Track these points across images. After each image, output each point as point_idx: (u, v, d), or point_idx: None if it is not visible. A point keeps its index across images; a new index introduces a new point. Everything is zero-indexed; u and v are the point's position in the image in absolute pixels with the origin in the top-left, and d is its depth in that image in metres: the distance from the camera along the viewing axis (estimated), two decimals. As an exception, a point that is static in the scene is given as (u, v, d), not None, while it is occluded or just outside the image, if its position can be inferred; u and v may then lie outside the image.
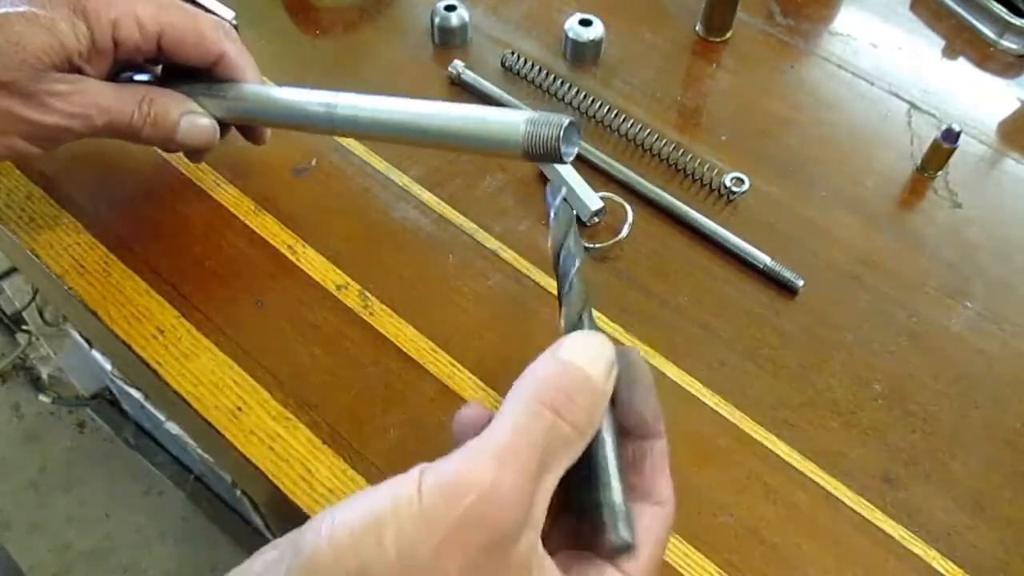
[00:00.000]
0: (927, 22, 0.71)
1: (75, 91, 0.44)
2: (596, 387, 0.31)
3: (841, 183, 0.59)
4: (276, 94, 0.48)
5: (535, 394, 0.30)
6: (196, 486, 1.43)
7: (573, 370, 0.31)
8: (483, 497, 0.27)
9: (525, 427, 0.29)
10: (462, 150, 0.41)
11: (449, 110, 0.41)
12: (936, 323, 0.52)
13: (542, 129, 0.37)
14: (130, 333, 0.49)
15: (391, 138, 0.45)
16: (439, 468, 0.28)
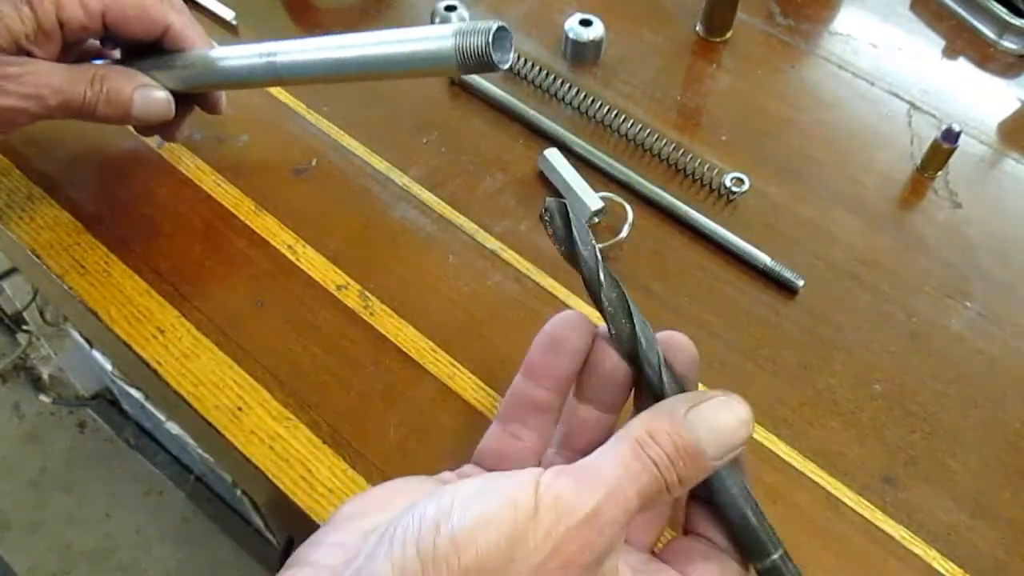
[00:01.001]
0: (927, 22, 0.71)
1: (26, 72, 0.45)
2: (705, 468, 0.32)
3: (841, 183, 0.59)
4: (219, 56, 0.49)
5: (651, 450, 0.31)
6: (196, 486, 1.43)
7: (695, 448, 0.31)
8: (587, 524, 0.29)
9: (636, 474, 0.30)
10: (401, 75, 0.42)
11: (382, 36, 0.42)
12: (936, 323, 0.52)
13: (471, 38, 0.37)
14: (130, 333, 0.49)
15: (335, 77, 0.45)
16: (556, 487, 0.30)
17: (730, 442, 0.32)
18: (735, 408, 0.33)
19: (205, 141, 0.58)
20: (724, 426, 0.32)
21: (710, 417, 0.32)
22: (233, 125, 0.58)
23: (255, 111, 0.52)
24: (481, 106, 0.62)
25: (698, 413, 0.32)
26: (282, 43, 0.47)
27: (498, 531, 0.28)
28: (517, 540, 0.28)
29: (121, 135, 0.58)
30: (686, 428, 0.31)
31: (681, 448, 0.31)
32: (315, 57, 0.46)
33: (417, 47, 0.40)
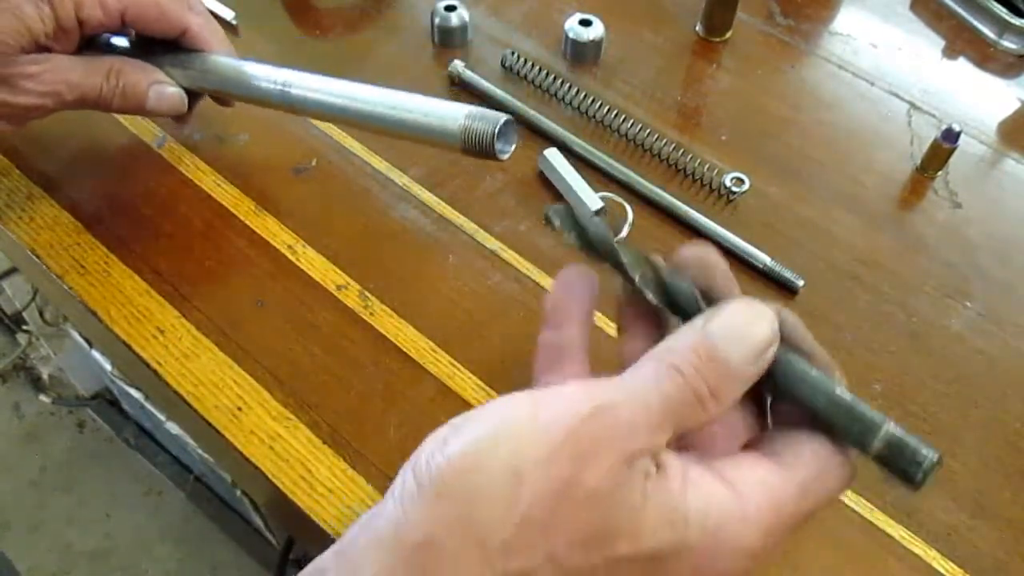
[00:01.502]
0: (927, 22, 0.71)
1: (45, 70, 0.46)
2: (736, 375, 0.30)
3: (841, 183, 0.59)
4: (236, 71, 0.50)
5: (670, 360, 0.29)
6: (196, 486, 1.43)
7: (716, 354, 0.29)
8: (600, 412, 0.27)
9: (654, 378, 0.29)
10: (404, 137, 0.42)
11: (395, 99, 0.43)
12: (936, 323, 0.52)
13: (479, 124, 0.37)
14: (130, 333, 0.49)
15: (341, 120, 0.47)
16: (558, 390, 0.29)
17: (754, 344, 0.30)
18: (753, 308, 0.30)
19: (205, 141, 0.58)
20: (743, 328, 0.30)
21: (727, 322, 0.30)
22: (233, 125, 0.58)
23: (255, 111, 0.52)
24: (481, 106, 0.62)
25: (716, 321, 0.30)
26: (300, 75, 0.48)
27: (493, 440, 0.27)
28: (516, 441, 0.27)
29: (121, 135, 0.58)
30: (706, 336, 0.30)
31: (704, 356, 0.29)
32: (329, 100, 0.47)
33: (427, 120, 0.40)
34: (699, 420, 0.29)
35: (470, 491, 0.27)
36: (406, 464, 0.29)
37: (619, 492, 0.27)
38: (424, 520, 0.27)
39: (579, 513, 0.27)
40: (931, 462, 0.29)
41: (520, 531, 0.26)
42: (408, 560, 0.27)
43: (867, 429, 0.30)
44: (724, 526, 0.28)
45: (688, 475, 0.28)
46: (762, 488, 0.29)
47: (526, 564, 0.26)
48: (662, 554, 0.27)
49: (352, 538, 0.28)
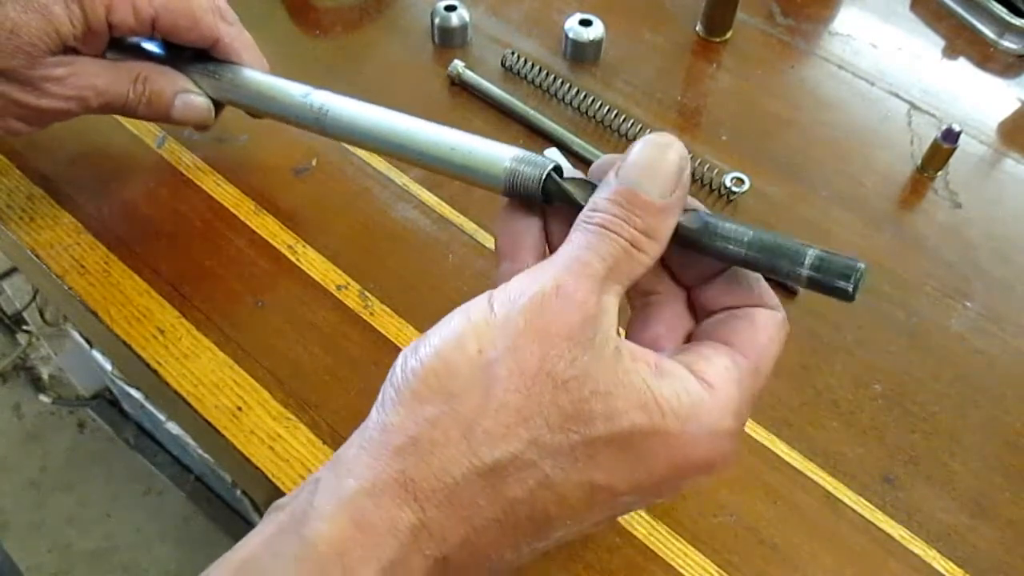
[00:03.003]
0: (927, 22, 0.71)
1: (71, 74, 0.45)
2: (661, 208, 0.30)
3: (841, 183, 0.59)
4: (270, 89, 0.48)
5: (596, 219, 0.30)
6: (196, 486, 1.43)
7: (628, 194, 0.30)
8: (547, 296, 0.28)
9: (585, 243, 0.30)
10: (445, 174, 0.41)
11: (439, 134, 0.41)
12: (936, 323, 0.52)
13: (525, 168, 0.37)
14: (130, 333, 0.49)
15: (377, 150, 0.45)
16: (505, 286, 0.30)
17: (668, 171, 0.30)
18: (656, 140, 0.31)
19: (205, 141, 0.58)
20: (653, 162, 0.30)
21: (635, 160, 0.30)
22: (233, 125, 0.58)
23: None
24: (481, 106, 0.62)
25: (624, 164, 0.31)
26: (335, 99, 0.46)
27: (460, 339, 0.29)
28: (481, 335, 0.28)
29: (121, 135, 0.58)
30: (620, 183, 0.30)
31: (623, 201, 0.30)
32: (366, 129, 0.44)
33: (471, 160, 0.39)
34: (642, 264, 0.30)
35: (446, 389, 0.28)
36: (386, 379, 0.30)
37: (588, 376, 0.28)
38: (407, 422, 0.28)
39: (554, 399, 0.28)
40: (860, 271, 0.30)
41: (499, 418, 0.28)
42: (396, 457, 0.28)
43: (795, 258, 0.31)
44: (698, 412, 0.29)
45: (660, 367, 0.30)
46: (728, 375, 0.30)
47: (509, 448, 0.28)
48: (638, 434, 0.28)
49: (342, 451, 0.30)
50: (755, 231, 0.32)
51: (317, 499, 0.28)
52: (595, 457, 0.28)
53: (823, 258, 0.30)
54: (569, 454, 0.28)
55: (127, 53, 0.49)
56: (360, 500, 0.28)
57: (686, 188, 0.31)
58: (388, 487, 0.28)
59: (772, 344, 0.32)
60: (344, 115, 0.45)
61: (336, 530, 0.27)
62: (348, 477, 0.28)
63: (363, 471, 0.28)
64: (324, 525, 0.28)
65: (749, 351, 0.32)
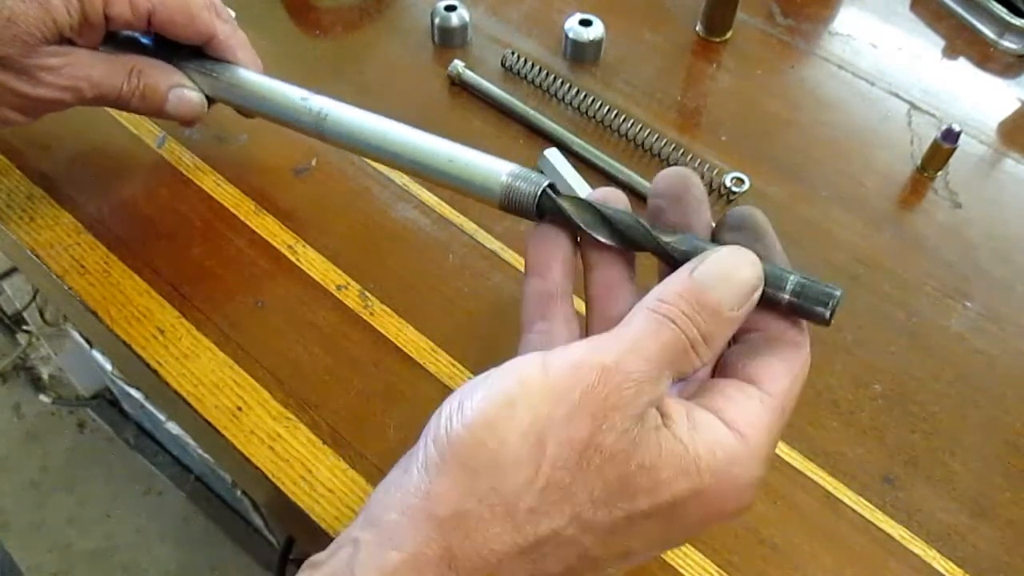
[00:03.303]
0: (927, 22, 0.71)
1: (66, 64, 0.45)
2: (727, 319, 0.30)
3: (841, 183, 0.59)
4: (270, 91, 0.49)
5: (663, 310, 0.30)
6: (196, 486, 1.43)
7: (700, 295, 0.30)
8: (608, 372, 0.28)
9: (651, 330, 0.30)
10: (442, 185, 0.41)
11: (437, 145, 0.41)
12: (936, 323, 0.52)
13: (522, 184, 0.37)
14: (130, 333, 0.49)
15: (374, 157, 0.45)
16: (563, 350, 0.30)
17: (741, 287, 0.31)
18: (738, 255, 0.31)
19: (205, 141, 0.58)
20: (730, 272, 0.31)
21: (714, 269, 0.31)
22: (233, 125, 0.58)
23: (255, 111, 0.52)
24: (481, 106, 0.62)
25: (703, 268, 0.31)
26: (334, 106, 0.46)
27: (510, 405, 0.28)
28: (532, 406, 0.28)
29: (121, 135, 0.58)
30: (694, 283, 0.30)
31: (694, 302, 0.30)
32: (364, 137, 0.44)
33: (467, 174, 0.39)
34: (693, 365, 0.30)
35: (494, 461, 0.28)
36: (426, 430, 0.30)
37: (636, 450, 0.28)
38: (451, 492, 0.28)
39: (600, 473, 0.28)
40: (836, 299, 0.31)
41: (545, 495, 0.27)
42: (439, 531, 0.27)
43: (776, 283, 0.32)
44: (732, 467, 0.29)
45: (692, 419, 0.30)
46: (757, 420, 0.30)
47: (552, 525, 0.27)
48: (679, 502, 0.29)
49: (381, 510, 0.29)
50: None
51: (359, 569, 0.28)
52: (634, 528, 0.28)
53: (804, 284, 0.31)
54: (610, 529, 0.28)
55: (122, 47, 0.49)
56: (403, 574, 0.27)
57: (752, 307, 0.31)
58: (431, 562, 0.27)
59: (796, 383, 0.32)
60: (343, 120, 0.45)
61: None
62: (391, 548, 0.28)
63: (405, 542, 0.28)
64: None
65: (775, 390, 0.31)
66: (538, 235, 0.36)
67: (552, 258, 0.36)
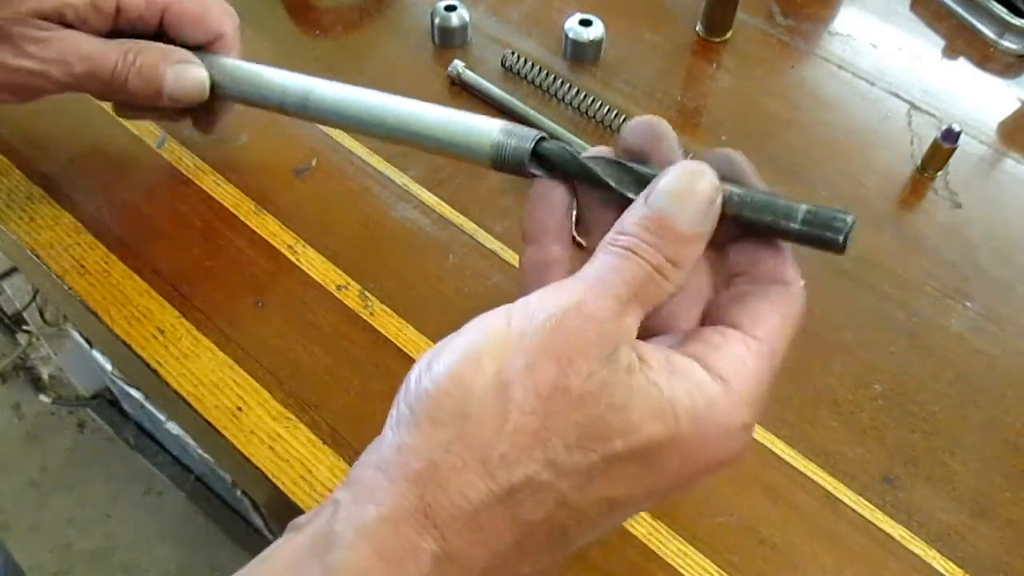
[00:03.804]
0: (927, 22, 0.71)
1: (54, 38, 0.43)
2: (689, 237, 0.30)
3: (841, 183, 0.59)
4: (253, 74, 0.47)
5: (622, 242, 0.30)
6: (196, 486, 1.43)
7: (657, 220, 0.30)
8: (567, 314, 0.28)
9: (611, 265, 0.29)
10: (432, 151, 0.41)
11: (424, 110, 0.41)
12: (936, 323, 0.52)
13: (513, 140, 0.36)
14: (130, 333, 0.49)
15: (363, 131, 0.44)
16: (524, 301, 0.29)
17: (699, 201, 0.30)
18: (689, 169, 0.31)
19: (205, 141, 0.58)
20: (684, 189, 0.30)
21: (668, 188, 0.30)
22: (233, 125, 0.58)
23: (255, 111, 0.52)
24: (481, 106, 0.62)
25: (656, 190, 0.30)
26: (321, 84, 0.45)
27: (475, 358, 0.28)
28: (496, 356, 0.28)
29: (121, 135, 0.58)
30: (650, 208, 0.30)
31: (653, 228, 0.29)
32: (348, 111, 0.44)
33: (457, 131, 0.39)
34: (665, 291, 0.30)
35: (461, 411, 0.28)
36: (397, 395, 0.30)
37: (605, 391, 0.27)
38: (422, 445, 0.28)
39: (569, 416, 0.27)
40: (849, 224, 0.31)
41: (514, 441, 0.27)
42: (414, 483, 0.28)
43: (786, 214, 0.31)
44: (713, 412, 0.28)
45: (671, 364, 0.29)
46: (740, 364, 0.29)
47: (526, 471, 0.27)
48: (655, 446, 0.28)
49: (359, 471, 0.29)
50: (744, 190, 0.32)
51: (338, 525, 0.28)
52: (611, 472, 0.28)
53: (814, 211, 0.31)
54: (586, 473, 0.28)
55: None
56: (381, 528, 0.27)
57: (715, 219, 0.31)
58: (408, 514, 0.27)
59: (787, 322, 0.31)
60: (327, 97, 0.45)
61: (358, 559, 0.27)
62: (368, 502, 0.28)
63: (382, 496, 0.28)
64: (347, 554, 0.27)
65: (761, 332, 0.31)
66: (531, 200, 0.36)
67: (547, 225, 0.35)
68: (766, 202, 0.32)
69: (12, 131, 0.57)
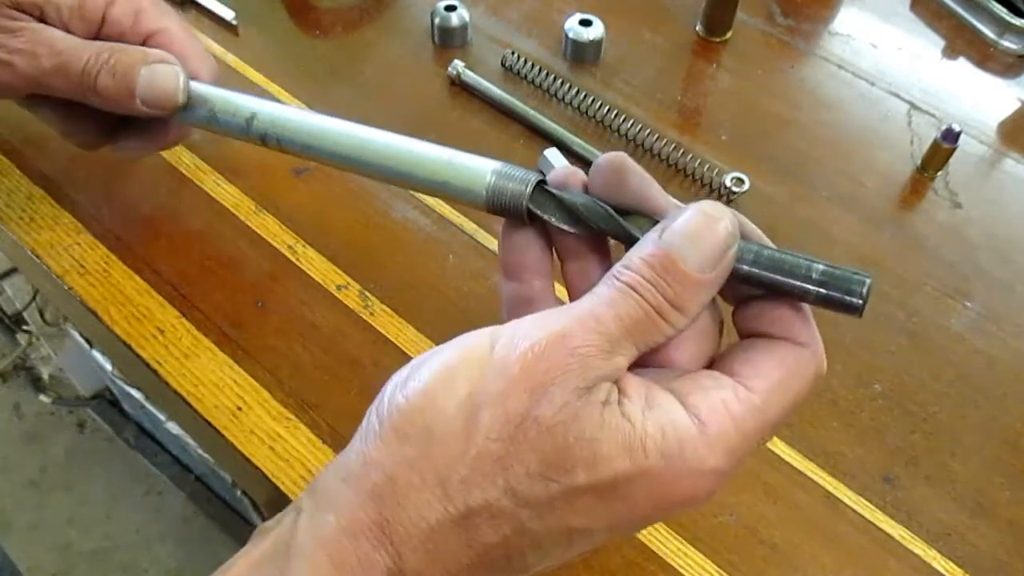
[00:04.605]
0: (927, 22, 0.71)
1: (27, 28, 0.42)
2: (697, 282, 0.28)
3: (841, 183, 0.59)
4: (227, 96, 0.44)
5: (625, 277, 0.28)
6: (196, 486, 1.43)
7: (666, 259, 0.28)
8: (551, 344, 0.27)
9: (607, 299, 0.28)
10: (420, 191, 0.38)
11: (413, 147, 0.38)
12: (936, 323, 0.52)
13: (509, 184, 0.34)
14: (130, 333, 0.49)
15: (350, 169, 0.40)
16: (513, 325, 0.29)
17: (711, 245, 0.28)
18: (708, 211, 0.29)
19: (205, 141, 0.58)
20: (700, 231, 0.28)
21: (683, 229, 0.28)
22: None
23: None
24: (481, 106, 0.62)
25: (671, 228, 0.29)
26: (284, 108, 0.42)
27: (450, 378, 0.28)
28: (472, 379, 0.27)
29: (121, 135, 0.58)
30: (660, 246, 0.28)
31: (659, 267, 0.28)
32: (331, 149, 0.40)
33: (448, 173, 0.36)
34: (663, 334, 0.29)
35: (428, 430, 0.28)
36: (372, 404, 0.30)
37: (575, 423, 0.27)
38: (386, 460, 0.28)
39: (535, 445, 0.27)
40: (868, 285, 0.29)
41: (476, 465, 0.27)
42: (373, 497, 0.28)
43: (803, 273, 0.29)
44: (684, 450, 0.27)
45: (650, 399, 0.28)
46: (723, 409, 0.28)
47: (485, 496, 0.27)
48: (622, 479, 0.27)
49: (324, 479, 0.29)
50: (759, 247, 0.30)
51: (299, 534, 0.28)
52: (574, 504, 0.27)
53: (831, 272, 0.29)
54: (547, 503, 0.27)
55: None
56: (339, 539, 0.27)
57: (728, 268, 0.29)
58: (365, 528, 0.27)
59: (792, 383, 0.29)
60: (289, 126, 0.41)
61: (314, 570, 0.27)
62: (328, 512, 0.28)
63: (342, 508, 0.28)
64: (304, 564, 0.27)
65: (757, 385, 0.29)
66: (506, 234, 0.35)
67: (523, 260, 0.34)
68: (780, 259, 0.30)
69: (12, 131, 0.57)
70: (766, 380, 0.29)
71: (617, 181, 0.32)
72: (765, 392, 0.29)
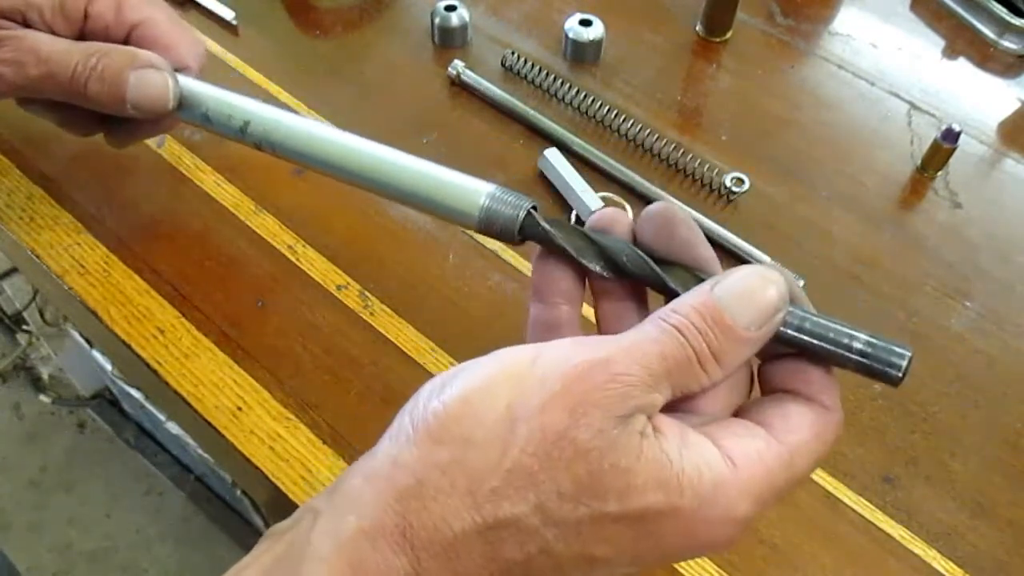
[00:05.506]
0: (927, 22, 0.71)
1: (11, 37, 0.41)
2: (742, 338, 0.29)
3: (841, 183, 0.59)
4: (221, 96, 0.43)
5: (673, 320, 0.29)
6: (196, 486, 1.43)
7: (715, 311, 0.29)
8: (595, 367, 0.27)
9: (654, 336, 0.29)
10: (409, 204, 0.38)
11: (406, 163, 0.38)
12: (936, 323, 0.52)
13: (503, 208, 0.34)
14: (130, 333, 0.49)
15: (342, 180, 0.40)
16: (556, 344, 0.29)
17: (762, 307, 0.29)
18: (763, 272, 0.30)
19: (205, 141, 0.58)
20: (751, 291, 0.29)
21: (736, 286, 0.29)
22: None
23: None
24: (481, 106, 0.62)
25: (725, 283, 0.29)
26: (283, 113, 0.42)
27: (491, 388, 0.28)
28: (512, 390, 0.27)
29: (121, 135, 0.58)
30: (712, 298, 0.29)
31: (708, 317, 0.29)
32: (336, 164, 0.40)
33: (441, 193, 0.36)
34: (700, 382, 0.29)
35: (464, 437, 0.27)
36: (403, 407, 0.29)
37: (611, 450, 0.27)
38: (417, 463, 0.28)
39: (569, 466, 0.27)
40: (909, 358, 0.30)
41: (510, 478, 0.27)
42: (399, 500, 0.27)
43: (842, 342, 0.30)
44: (717, 492, 0.28)
45: (685, 439, 0.28)
46: (757, 458, 0.29)
47: (513, 511, 0.27)
48: (651, 515, 0.27)
49: (346, 478, 0.29)
50: (804, 313, 0.31)
51: (316, 536, 0.28)
52: (601, 532, 0.27)
53: (873, 343, 0.30)
54: (574, 527, 0.27)
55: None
56: (359, 542, 0.27)
57: (772, 330, 0.30)
58: (387, 531, 0.27)
59: (818, 443, 0.30)
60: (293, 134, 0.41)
61: (331, 573, 0.27)
62: (349, 514, 0.28)
63: (364, 509, 0.27)
64: (321, 567, 0.27)
65: (789, 440, 0.29)
66: (539, 260, 0.35)
67: (554, 285, 0.34)
68: (825, 327, 0.30)
69: (12, 131, 0.57)
70: (798, 436, 0.30)
71: (668, 232, 0.33)
72: (796, 448, 0.29)
